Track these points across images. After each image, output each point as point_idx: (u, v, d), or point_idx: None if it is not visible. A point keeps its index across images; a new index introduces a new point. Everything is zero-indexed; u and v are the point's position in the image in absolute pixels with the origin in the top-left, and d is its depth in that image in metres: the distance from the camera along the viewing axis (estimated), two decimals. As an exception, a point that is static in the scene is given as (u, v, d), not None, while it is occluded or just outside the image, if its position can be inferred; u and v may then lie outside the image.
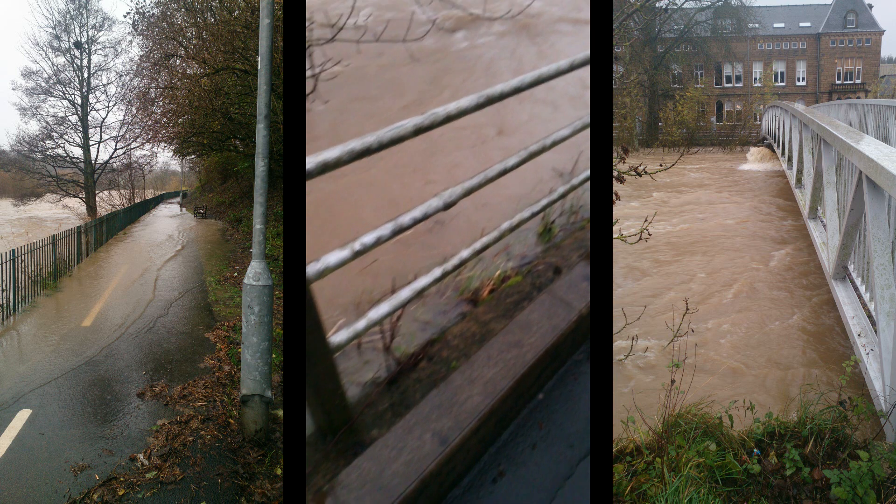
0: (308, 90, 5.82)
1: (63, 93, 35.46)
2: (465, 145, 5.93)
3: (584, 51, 3.76)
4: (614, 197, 4.59)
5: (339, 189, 5.48)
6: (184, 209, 40.01)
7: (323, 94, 5.95)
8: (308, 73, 5.79)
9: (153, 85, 21.24)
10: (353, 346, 3.93)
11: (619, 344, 7.70)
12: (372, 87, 6.81)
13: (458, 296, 4.32)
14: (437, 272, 3.52)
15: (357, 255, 2.95)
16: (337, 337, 3.10)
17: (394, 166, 5.68)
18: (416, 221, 3.17)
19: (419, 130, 3.03)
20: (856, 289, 8.64)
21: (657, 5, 42.83)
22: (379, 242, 3.02)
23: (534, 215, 4.13)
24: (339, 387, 3.15)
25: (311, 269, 2.78)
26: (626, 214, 15.29)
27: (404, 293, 3.39)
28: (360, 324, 3.21)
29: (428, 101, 6.60)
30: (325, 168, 2.69)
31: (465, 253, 3.66)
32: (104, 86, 40.31)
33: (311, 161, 2.66)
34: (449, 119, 3.19)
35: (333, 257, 2.88)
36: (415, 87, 6.90)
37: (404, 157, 5.69)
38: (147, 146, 33.69)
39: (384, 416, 3.34)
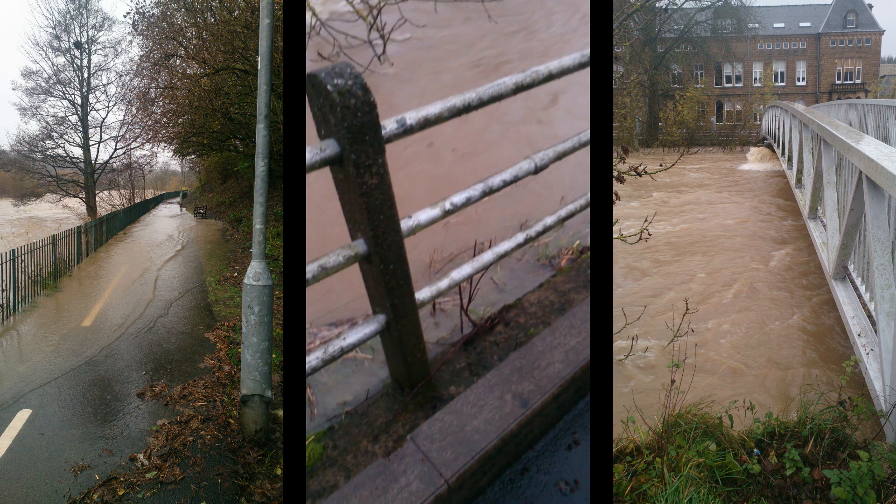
0: (379, 52, 5.75)
1: (63, 93, 35.52)
2: (561, 107, 5.77)
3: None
4: (614, 197, 4.59)
5: (429, 147, 5.38)
6: (184, 209, 40.00)
7: (395, 56, 5.82)
8: (387, 35, 5.67)
9: (153, 85, 21.25)
10: (429, 306, 3.95)
11: (619, 344, 7.70)
12: (449, 47, 6.63)
13: (535, 261, 4.28)
14: (519, 237, 3.49)
15: (447, 213, 2.96)
16: (420, 294, 3.13)
17: (485, 129, 5.56)
18: (507, 184, 3.14)
19: (519, 88, 2.99)
20: (856, 289, 8.63)
21: (657, 5, 42.84)
22: (469, 203, 3.02)
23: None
24: (420, 341, 3.17)
25: (404, 224, 2.80)
26: (626, 214, 15.30)
27: (486, 256, 3.39)
28: (443, 283, 3.25)
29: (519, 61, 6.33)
30: (427, 123, 2.69)
31: (549, 220, 3.60)
32: (104, 86, 40.41)
33: (413, 116, 2.65)
34: (550, 77, 3.12)
35: (424, 215, 2.90)
36: (494, 47, 6.70)
37: (498, 118, 5.56)
38: (147, 146, 33.79)
39: (461, 374, 3.39)
